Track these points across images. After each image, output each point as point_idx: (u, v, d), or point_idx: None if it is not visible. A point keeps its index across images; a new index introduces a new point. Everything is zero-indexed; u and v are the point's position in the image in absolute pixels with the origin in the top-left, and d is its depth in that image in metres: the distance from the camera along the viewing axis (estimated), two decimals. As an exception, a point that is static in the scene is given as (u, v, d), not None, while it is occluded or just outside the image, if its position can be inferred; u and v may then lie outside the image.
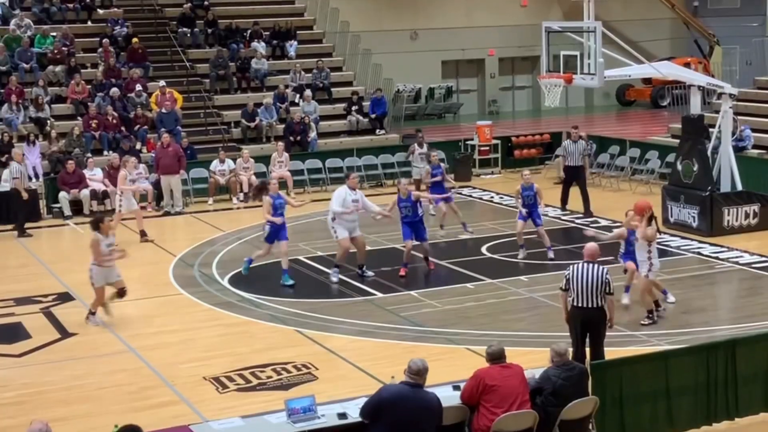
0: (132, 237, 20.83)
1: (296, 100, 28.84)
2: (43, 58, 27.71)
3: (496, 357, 9.30)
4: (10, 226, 21.39)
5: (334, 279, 16.47)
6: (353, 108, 29.06)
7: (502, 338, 12.50)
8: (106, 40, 28.31)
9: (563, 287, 11.53)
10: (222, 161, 24.15)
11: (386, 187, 24.93)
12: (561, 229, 20.05)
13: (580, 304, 11.30)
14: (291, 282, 16.33)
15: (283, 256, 16.46)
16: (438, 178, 19.67)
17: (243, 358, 12.99)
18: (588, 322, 11.29)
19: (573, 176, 21.42)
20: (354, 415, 8.97)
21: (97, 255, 14.41)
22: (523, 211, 17.39)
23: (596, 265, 11.37)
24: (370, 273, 16.64)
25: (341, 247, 16.52)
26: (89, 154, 24.49)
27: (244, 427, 9.04)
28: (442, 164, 20.80)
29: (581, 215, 21.02)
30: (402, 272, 16.65)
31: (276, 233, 16.48)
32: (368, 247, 17.23)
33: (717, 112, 21.41)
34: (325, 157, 25.79)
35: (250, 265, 16.95)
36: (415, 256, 16.99)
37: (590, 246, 11.71)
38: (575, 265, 11.45)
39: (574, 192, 21.53)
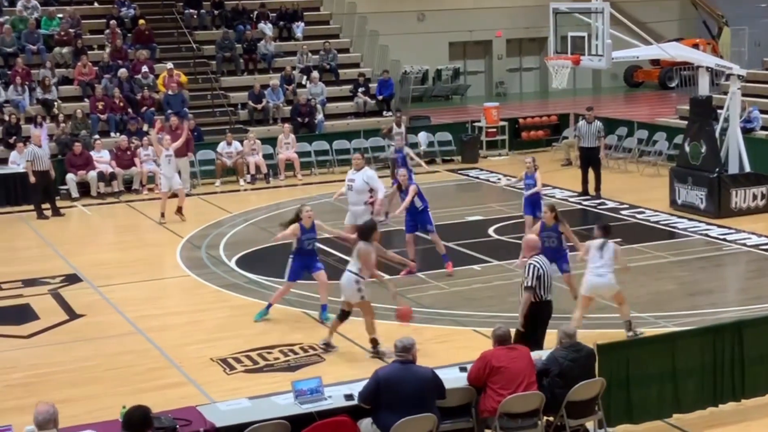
0: (140, 220, 20.89)
1: (303, 82, 28.80)
2: (50, 40, 27.69)
3: (503, 339, 9.31)
4: (19, 208, 21.54)
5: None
6: (360, 90, 29.01)
7: (509, 320, 12.46)
8: (113, 22, 28.27)
9: (530, 284, 10.89)
10: (229, 143, 24.15)
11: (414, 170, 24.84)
12: (567, 211, 19.96)
13: (548, 297, 11.08)
14: (329, 319, 13.48)
15: (323, 288, 13.82)
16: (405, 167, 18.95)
17: (250, 339, 13.02)
18: (549, 315, 11.12)
19: (588, 158, 21.27)
20: (361, 397, 8.99)
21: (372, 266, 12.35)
22: (525, 193, 16.87)
23: (543, 256, 11.29)
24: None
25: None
26: (97, 136, 24.51)
27: (251, 408, 9.06)
28: (406, 147, 20.42)
29: (590, 197, 20.97)
30: (404, 271, 15.54)
31: (305, 267, 13.80)
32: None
33: (725, 93, 21.34)
34: (332, 139, 25.77)
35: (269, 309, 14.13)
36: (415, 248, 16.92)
37: (532, 238, 11.54)
38: (538, 261, 11.04)
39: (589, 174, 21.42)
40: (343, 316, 12.41)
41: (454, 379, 9.34)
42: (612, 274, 12.25)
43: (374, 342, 12.19)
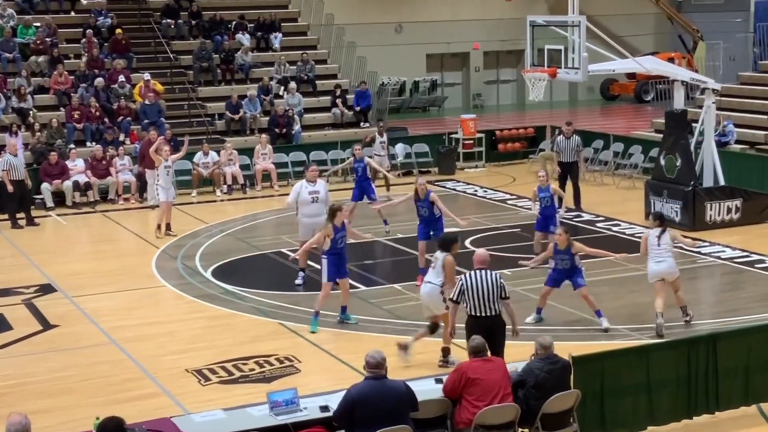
0: (115, 230, 20.80)
1: (280, 93, 28.79)
2: (26, 49, 27.58)
3: (478, 350, 9.32)
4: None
5: (299, 282, 15.87)
6: (337, 101, 29.03)
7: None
8: (89, 31, 28.18)
9: (455, 299, 11.09)
10: (206, 153, 24.09)
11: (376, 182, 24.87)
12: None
13: (478, 314, 10.96)
14: (355, 321, 14.01)
15: (345, 292, 14.07)
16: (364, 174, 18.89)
17: (225, 350, 12.96)
18: (488, 331, 10.61)
19: (566, 172, 21.09)
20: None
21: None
22: (537, 211, 16.57)
23: (489, 272, 11.09)
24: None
25: (302, 251, 14.85)
26: (72, 145, 24.40)
27: (226, 420, 9.02)
28: (366, 157, 20.24)
29: (572, 209, 21.02)
30: (419, 281, 15.24)
31: (337, 269, 13.85)
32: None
33: (700, 107, 21.49)
34: (309, 150, 25.75)
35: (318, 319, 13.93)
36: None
37: (480, 252, 11.41)
38: (467, 274, 11.08)
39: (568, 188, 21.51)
40: (434, 328, 12.25)
41: (429, 390, 9.34)
42: (672, 259, 13.14)
43: (446, 351, 12.13)
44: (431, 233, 15.80)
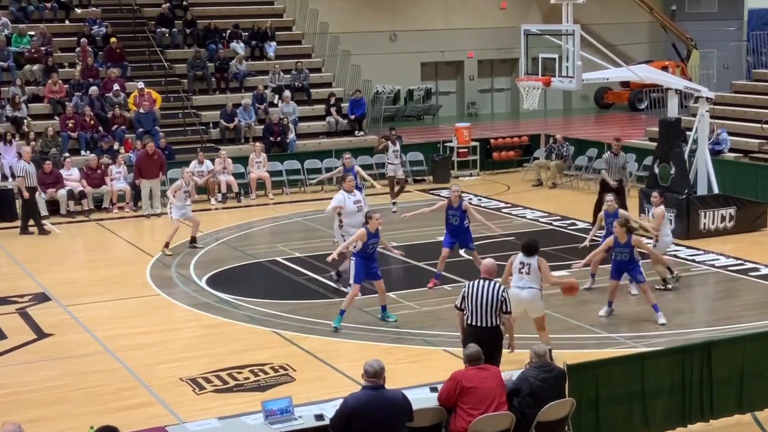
0: (110, 239, 20.79)
1: (275, 101, 28.81)
2: (21, 57, 27.57)
3: (474, 359, 9.31)
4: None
5: (334, 278, 16.05)
6: (332, 109, 29.05)
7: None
8: (84, 40, 28.18)
9: (459, 305, 11.14)
10: (201, 162, 24.01)
11: (364, 189, 24.86)
12: (539, 232, 20.01)
13: (473, 323, 10.92)
14: (394, 318, 14.33)
15: (382, 293, 14.35)
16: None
17: (220, 359, 12.95)
18: (480, 342, 10.15)
19: (613, 190, 18.96)
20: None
21: None
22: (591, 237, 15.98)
23: (492, 282, 11.01)
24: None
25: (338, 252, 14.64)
26: (67, 154, 24.39)
27: (220, 429, 9.02)
28: (357, 166, 20.23)
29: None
30: (431, 284, 15.96)
31: (366, 271, 14.06)
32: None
33: (694, 115, 21.53)
34: (303, 159, 25.77)
35: (342, 316, 14.14)
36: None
37: (487, 262, 11.32)
38: (471, 282, 11.09)
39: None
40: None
41: (424, 399, 9.34)
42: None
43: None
44: (456, 243, 16.02)
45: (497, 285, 11.03)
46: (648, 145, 25.50)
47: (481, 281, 11.04)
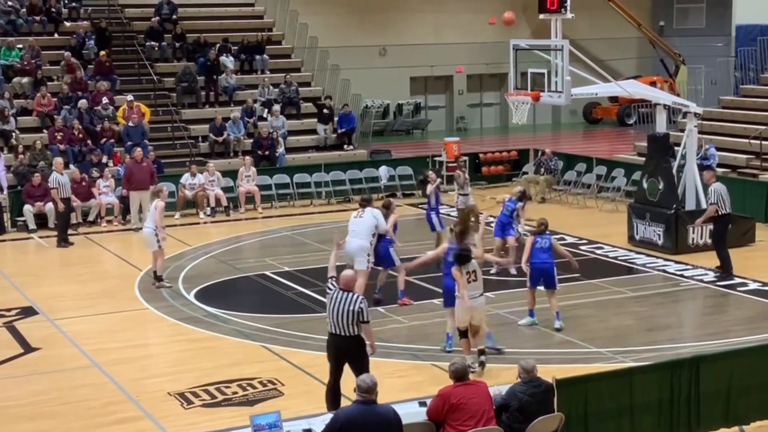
0: (98, 252, 20.73)
1: (264, 115, 28.82)
2: (9, 70, 27.53)
3: (460, 375, 9.28)
4: None
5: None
6: (325, 115, 29.09)
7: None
8: (67, 53, 28.12)
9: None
10: (193, 175, 23.97)
11: (354, 203, 24.89)
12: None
13: (335, 332, 10.89)
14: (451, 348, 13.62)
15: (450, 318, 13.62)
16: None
17: (208, 373, 12.91)
18: (341, 351, 10.68)
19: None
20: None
21: None
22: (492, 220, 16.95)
23: (350, 294, 10.94)
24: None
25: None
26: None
27: (208, 444, 8.99)
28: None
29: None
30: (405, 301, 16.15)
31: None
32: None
33: (682, 130, 21.60)
34: (292, 172, 25.75)
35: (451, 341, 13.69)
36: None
37: (345, 273, 11.24)
38: (332, 293, 11.02)
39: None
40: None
41: (413, 413, 9.32)
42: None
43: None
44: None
45: (355, 296, 10.92)
46: (636, 159, 25.58)
47: (340, 292, 10.96)
